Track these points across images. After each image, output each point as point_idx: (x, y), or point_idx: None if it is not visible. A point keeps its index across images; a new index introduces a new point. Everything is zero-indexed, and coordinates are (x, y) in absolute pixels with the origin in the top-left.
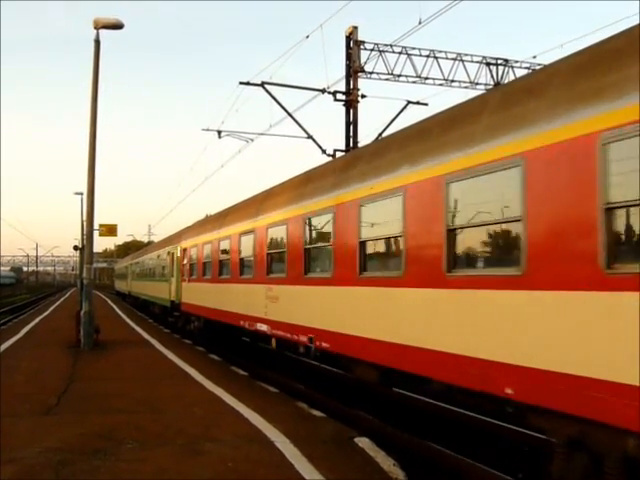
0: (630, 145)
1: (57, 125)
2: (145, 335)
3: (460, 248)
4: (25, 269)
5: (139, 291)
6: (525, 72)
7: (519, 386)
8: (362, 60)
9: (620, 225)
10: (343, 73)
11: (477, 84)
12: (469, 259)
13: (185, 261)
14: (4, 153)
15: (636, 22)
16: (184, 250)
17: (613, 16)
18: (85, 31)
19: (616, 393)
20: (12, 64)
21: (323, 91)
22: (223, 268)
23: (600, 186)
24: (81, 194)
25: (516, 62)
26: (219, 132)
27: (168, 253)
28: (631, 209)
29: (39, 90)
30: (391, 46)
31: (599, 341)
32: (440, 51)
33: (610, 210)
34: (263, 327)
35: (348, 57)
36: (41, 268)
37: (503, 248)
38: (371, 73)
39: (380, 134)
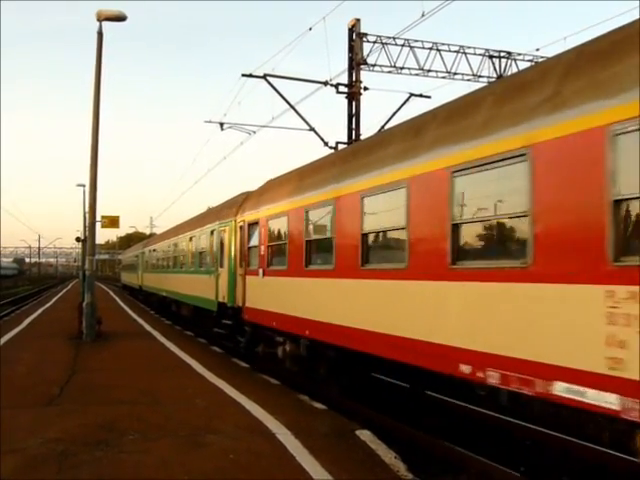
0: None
1: (60, 117)
2: (147, 327)
3: None
4: (27, 260)
5: (156, 286)
6: (528, 65)
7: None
8: (365, 52)
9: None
10: (346, 65)
11: (480, 77)
12: None
13: (254, 242)
14: (7, 145)
15: (635, 17)
16: (251, 225)
17: (616, 9)
18: (88, 24)
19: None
20: (15, 56)
21: (325, 83)
22: (384, 249)
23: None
24: (83, 186)
25: (519, 55)
26: (221, 124)
27: (212, 233)
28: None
29: (41, 82)
30: (394, 38)
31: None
32: (443, 44)
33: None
34: (604, 399)
35: (351, 49)
36: (43, 259)
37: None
38: (374, 65)
39: (382, 127)
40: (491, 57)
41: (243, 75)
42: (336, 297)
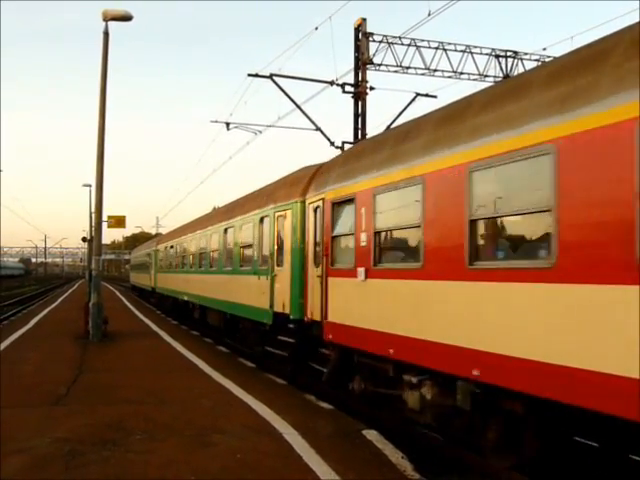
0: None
1: (66, 117)
2: (153, 326)
3: None
4: (34, 260)
5: (174, 289)
6: (535, 64)
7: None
8: (371, 52)
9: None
10: (352, 65)
11: (486, 76)
12: None
13: (345, 228)
14: (12, 145)
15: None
16: (337, 205)
17: (622, 9)
18: (93, 23)
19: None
20: (19, 55)
21: (332, 83)
22: None
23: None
24: (89, 186)
25: (525, 54)
26: (227, 124)
27: (261, 221)
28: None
29: (44, 83)
30: (400, 38)
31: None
32: (449, 43)
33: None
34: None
35: (357, 49)
36: (49, 259)
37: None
38: (380, 65)
39: (389, 126)
40: (497, 57)
41: (249, 75)
42: (554, 317)
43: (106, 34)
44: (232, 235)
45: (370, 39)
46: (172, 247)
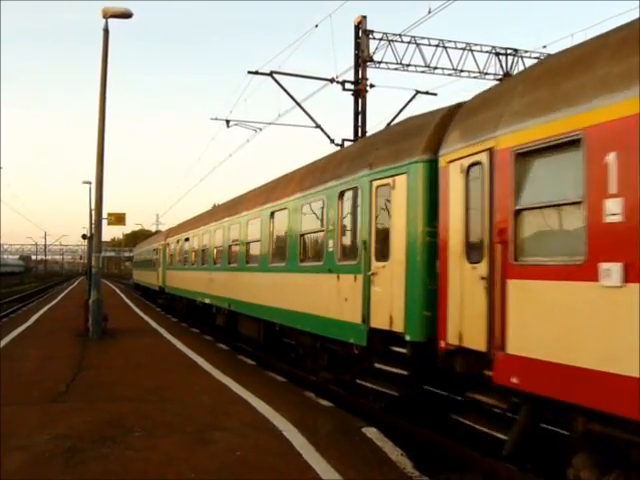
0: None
1: (66, 115)
2: (153, 324)
3: None
4: (33, 258)
5: (192, 289)
6: (535, 62)
7: None
8: (371, 50)
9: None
10: (352, 63)
11: (486, 74)
12: None
13: (569, 193)
14: (14, 143)
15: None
16: (536, 154)
17: (620, 8)
18: (95, 23)
19: None
20: (19, 54)
21: (332, 81)
22: None
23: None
24: (89, 183)
25: (526, 52)
26: (227, 121)
27: (341, 197)
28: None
29: (44, 80)
30: (400, 36)
31: None
32: (449, 41)
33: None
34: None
35: (357, 47)
36: (49, 257)
37: None
38: (380, 62)
39: (389, 124)
40: (497, 54)
41: (249, 72)
42: None
43: (106, 31)
44: (285, 220)
45: (370, 37)
46: (187, 240)
